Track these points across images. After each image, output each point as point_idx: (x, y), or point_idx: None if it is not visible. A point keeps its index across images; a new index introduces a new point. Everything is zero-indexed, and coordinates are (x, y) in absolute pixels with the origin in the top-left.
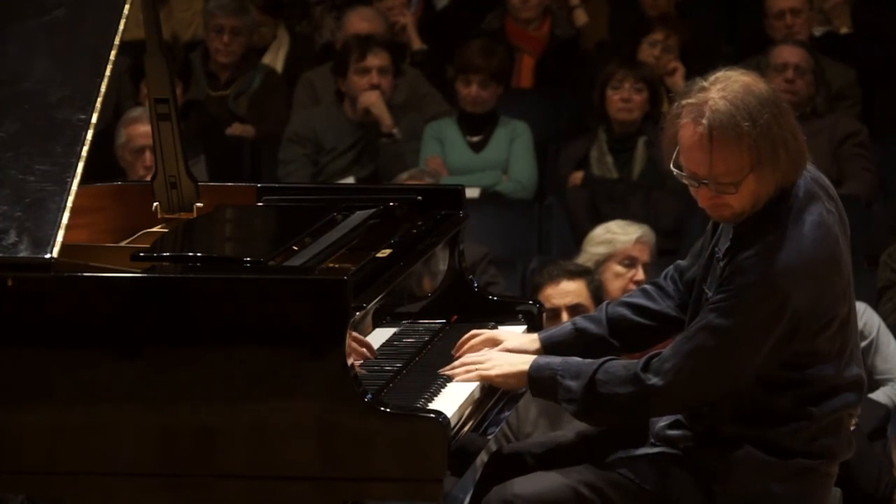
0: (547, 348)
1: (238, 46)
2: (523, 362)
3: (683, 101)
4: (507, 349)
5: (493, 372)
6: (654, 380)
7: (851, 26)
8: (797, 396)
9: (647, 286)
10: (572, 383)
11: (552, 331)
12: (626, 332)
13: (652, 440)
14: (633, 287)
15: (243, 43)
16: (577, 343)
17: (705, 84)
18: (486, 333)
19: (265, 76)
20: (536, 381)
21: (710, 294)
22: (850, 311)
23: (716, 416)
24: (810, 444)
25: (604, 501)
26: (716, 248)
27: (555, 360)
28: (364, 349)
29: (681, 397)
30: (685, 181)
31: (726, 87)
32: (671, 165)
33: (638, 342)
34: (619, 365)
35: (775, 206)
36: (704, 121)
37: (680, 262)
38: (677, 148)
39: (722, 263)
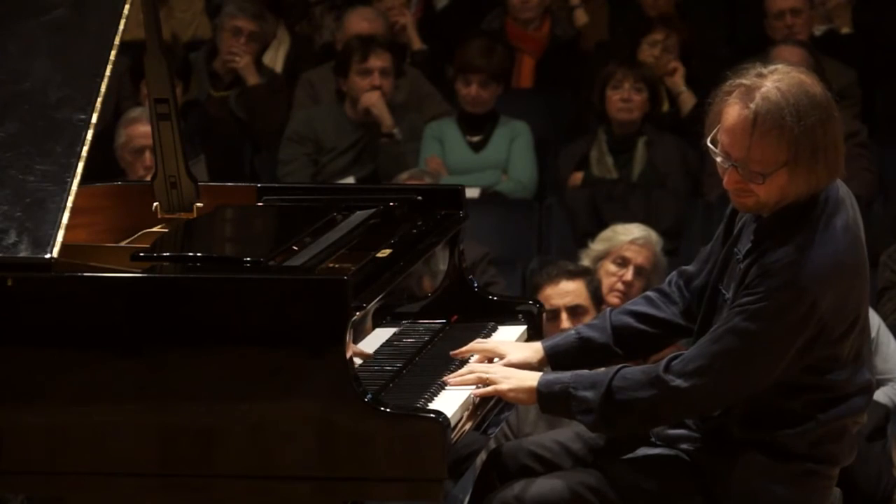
0: (551, 357)
1: (252, 51)
2: (531, 378)
3: (737, 81)
4: (512, 363)
5: (505, 386)
6: (677, 381)
7: (852, 26)
8: (809, 402)
9: (650, 293)
10: (587, 394)
11: (555, 340)
12: (631, 340)
13: (652, 439)
14: (620, 286)
15: (257, 50)
16: (581, 352)
17: (763, 71)
18: (489, 345)
19: (267, 77)
20: (547, 397)
21: (727, 294)
22: (867, 314)
23: (725, 418)
24: (814, 449)
25: (604, 503)
26: (735, 249)
27: (563, 374)
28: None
29: (704, 400)
30: (717, 159)
31: (783, 79)
32: (707, 141)
33: (642, 350)
34: (637, 370)
35: (804, 210)
36: (752, 105)
37: (684, 267)
38: (718, 125)
39: (743, 265)
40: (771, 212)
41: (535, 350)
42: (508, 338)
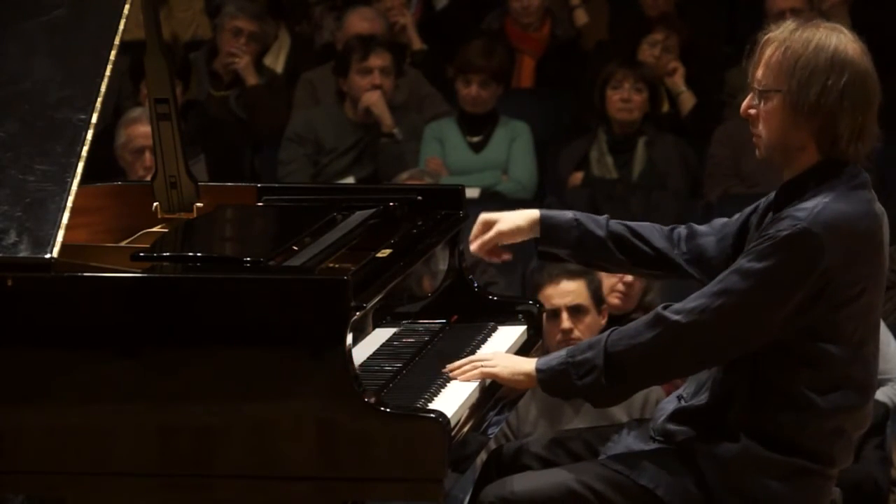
0: (545, 228)
1: (251, 52)
2: (528, 362)
3: (796, 21)
4: (502, 231)
5: (503, 372)
6: (676, 317)
7: (850, 27)
8: (806, 381)
9: (655, 225)
10: (586, 355)
11: (553, 213)
12: (622, 247)
13: (651, 434)
14: (622, 287)
15: (257, 50)
16: (573, 232)
17: (825, 24)
18: (482, 217)
19: (267, 77)
20: (546, 373)
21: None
22: (878, 309)
23: (725, 398)
24: (811, 445)
25: (600, 499)
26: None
27: (559, 351)
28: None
29: (705, 340)
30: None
31: (825, 27)
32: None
33: (629, 259)
34: (631, 323)
35: (827, 174)
36: (781, 34)
37: (696, 227)
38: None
39: (760, 229)
40: (779, 162)
41: (529, 212)
42: (508, 338)
